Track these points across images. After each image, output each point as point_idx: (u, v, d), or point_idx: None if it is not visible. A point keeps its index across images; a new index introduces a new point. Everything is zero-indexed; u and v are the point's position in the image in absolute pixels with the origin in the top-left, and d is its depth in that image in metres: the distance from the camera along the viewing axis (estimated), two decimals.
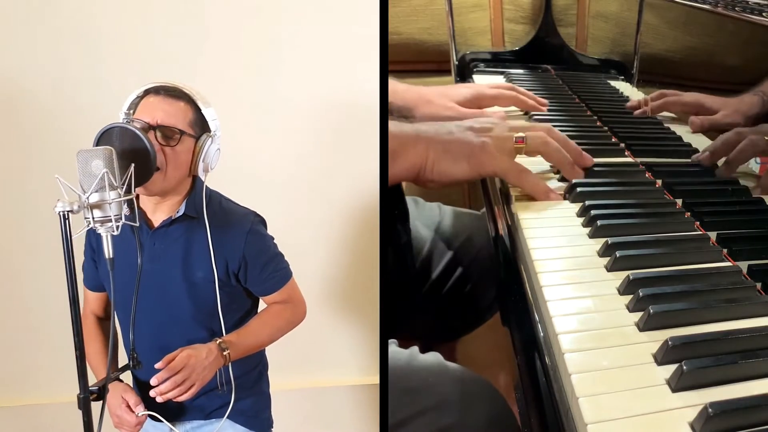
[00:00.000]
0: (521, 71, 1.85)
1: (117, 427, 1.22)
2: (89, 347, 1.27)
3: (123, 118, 1.17)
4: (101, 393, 1.03)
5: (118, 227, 0.97)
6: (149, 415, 1.21)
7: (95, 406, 1.01)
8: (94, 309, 1.34)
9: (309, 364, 1.97)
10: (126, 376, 1.24)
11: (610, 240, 0.89)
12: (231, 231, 1.21)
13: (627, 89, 1.55)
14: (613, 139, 1.30)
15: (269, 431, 1.37)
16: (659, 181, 1.10)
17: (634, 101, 1.41)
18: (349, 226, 1.92)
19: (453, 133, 1.05)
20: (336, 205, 1.90)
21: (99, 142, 1.05)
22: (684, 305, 0.77)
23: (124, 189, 0.98)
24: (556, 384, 0.71)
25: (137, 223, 1.06)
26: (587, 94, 1.59)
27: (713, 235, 0.93)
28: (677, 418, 0.62)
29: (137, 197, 1.19)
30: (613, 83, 1.63)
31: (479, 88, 1.46)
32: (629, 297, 0.80)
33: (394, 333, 1.11)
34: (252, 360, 1.29)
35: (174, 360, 1.10)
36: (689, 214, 0.99)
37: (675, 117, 1.29)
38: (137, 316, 1.16)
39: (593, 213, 0.96)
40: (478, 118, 1.13)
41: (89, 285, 1.33)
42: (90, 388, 1.00)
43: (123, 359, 1.18)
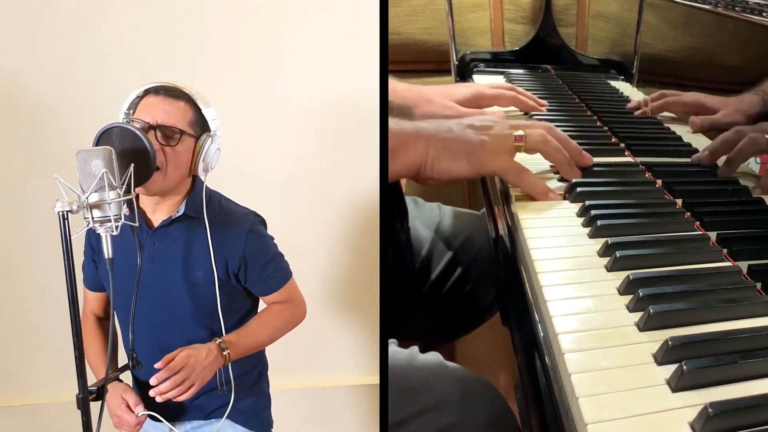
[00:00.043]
0: (521, 71, 1.85)
1: (117, 427, 1.22)
2: (89, 347, 1.27)
3: (123, 117, 1.16)
4: (100, 393, 1.03)
5: (117, 227, 0.97)
6: (149, 416, 1.21)
7: (94, 406, 1.01)
8: (94, 309, 1.34)
9: (309, 364, 1.97)
10: (126, 376, 1.24)
11: (610, 240, 0.89)
12: (231, 231, 1.21)
13: (627, 89, 1.55)
14: (613, 139, 1.30)
15: (269, 431, 1.38)
16: (659, 181, 1.09)
17: (634, 102, 1.41)
18: (349, 226, 1.92)
19: (453, 131, 1.04)
20: (336, 205, 1.91)
21: (99, 142, 1.05)
22: (684, 305, 0.77)
23: (123, 189, 0.98)
24: (556, 384, 0.71)
25: (137, 223, 1.06)
26: (587, 94, 1.59)
27: (713, 235, 0.93)
28: (677, 418, 0.62)
29: (137, 197, 1.19)
30: (613, 83, 1.63)
31: (479, 87, 1.46)
32: (629, 297, 0.80)
33: (394, 333, 1.11)
34: (252, 360, 1.29)
35: (173, 360, 1.11)
36: (689, 214, 0.99)
37: (675, 117, 1.29)
38: (137, 316, 1.16)
39: (593, 213, 0.96)
40: (479, 116, 1.13)
41: (89, 285, 1.33)
42: (89, 388, 1.00)
43: (124, 359, 1.18)
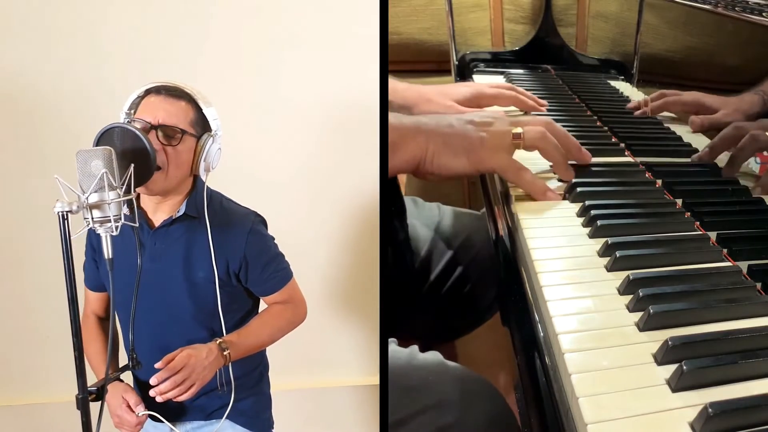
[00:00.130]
0: (521, 71, 1.85)
1: (117, 427, 1.22)
2: (90, 347, 1.27)
3: (124, 117, 1.16)
4: (100, 393, 1.03)
5: (117, 227, 0.97)
6: (150, 416, 1.21)
7: (94, 406, 1.01)
8: (95, 309, 1.34)
9: (310, 364, 1.98)
10: (127, 376, 1.24)
11: (610, 240, 0.89)
12: (232, 231, 1.21)
13: (627, 89, 1.55)
14: (613, 139, 1.30)
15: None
16: (659, 181, 1.09)
17: (634, 102, 1.41)
18: (350, 226, 1.92)
19: (453, 126, 1.04)
20: (336, 206, 1.91)
21: (99, 142, 1.05)
22: (684, 305, 0.77)
23: (123, 189, 0.98)
24: (556, 384, 0.71)
25: (137, 224, 1.06)
26: (587, 94, 1.59)
27: (713, 235, 0.93)
28: (677, 418, 0.62)
29: (138, 197, 1.19)
30: (613, 83, 1.63)
31: (479, 87, 1.46)
32: (629, 297, 0.80)
33: (394, 333, 1.11)
34: (253, 360, 1.29)
35: (174, 360, 1.10)
36: (689, 214, 0.99)
37: (675, 117, 1.29)
38: (137, 315, 1.16)
39: (593, 213, 0.96)
40: (479, 112, 1.13)
41: (90, 285, 1.33)
42: (89, 388, 1.00)
43: (125, 359, 1.18)
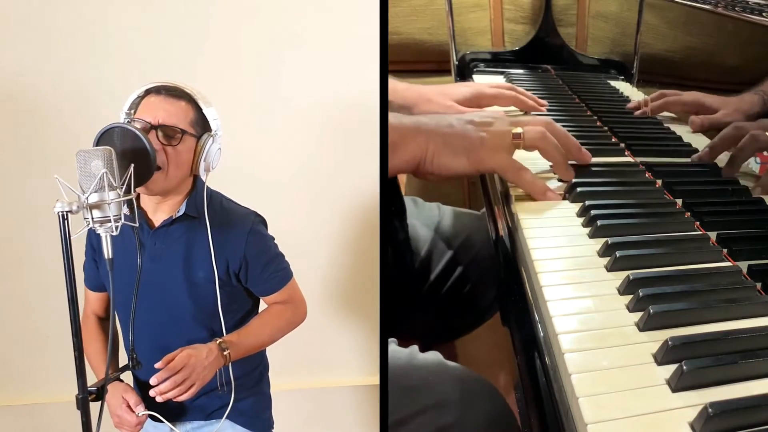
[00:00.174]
0: (521, 71, 1.85)
1: (117, 427, 1.22)
2: (90, 347, 1.27)
3: (124, 117, 1.17)
4: (100, 393, 1.03)
5: (117, 228, 0.97)
6: (150, 416, 1.21)
7: (94, 406, 1.01)
8: (95, 309, 1.34)
9: (310, 364, 1.97)
10: (128, 376, 1.24)
11: (610, 240, 0.89)
12: (232, 231, 1.21)
13: (627, 89, 1.55)
14: (613, 139, 1.30)
15: None
16: (659, 181, 1.09)
17: (634, 102, 1.41)
18: (350, 226, 1.92)
19: (453, 126, 1.04)
20: (336, 206, 1.91)
21: (99, 142, 1.05)
22: (684, 305, 0.77)
23: (123, 189, 0.98)
24: (556, 384, 0.71)
25: (137, 224, 1.06)
26: (587, 94, 1.59)
27: (713, 235, 0.93)
28: (677, 418, 0.62)
29: (138, 197, 1.19)
30: (613, 83, 1.63)
31: (479, 87, 1.46)
32: (629, 297, 0.80)
33: (394, 333, 1.11)
34: (253, 360, 1.29)
35: (174, 360, 1.11)
36: (689, 214, 0.99)
37: (675, 117, 1.29)
38: (137, 316, 1.16)
39: (593, 213, 0.96)
40: (480, 112, 1.13)
41: (90, 285, 1.33)
42: (89, 388, 1.00)
43: (125, 359, 1.18)
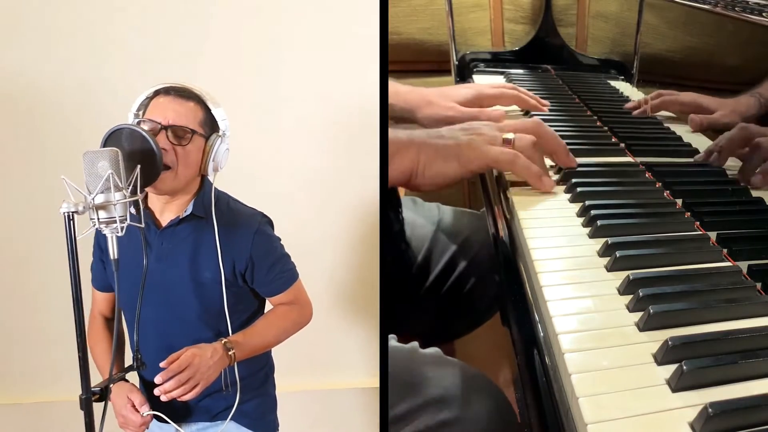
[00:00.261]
0: (521, 71, 1.85)
1: (122, 427, 1.22)
2: (97, 348, 1.28)
3: (132, 118, 1.17)
4: (104, 394, 1.03)
5: (123, 228, 0.97)
6: (155, 416, 1.21)
7: (98, 406, 1.01)
8: (102, 309, 1.34)
9: (316, 366, 1.97)
10: (133, 376, 1.24)
11: (610, 240, 0.90)
12: (238, 231, 1.22)
13: (627, 89, 1.55)
14: (613, 139, 1.30)
15: None
16: (659, 182, 1.10)
17: (633, 102, 1.41)
18: (356, 227, 1.92)
19: (443, 135, 1.06)
20: (342, 206, 1.90)
21: (106, 143, 1.06)
22: (684, 305, 0.77)
23: (129, 190, 0.98)
24: (556, 384, 0.72)
25: (142, 225, 1.06)
26: (587, 94, 1.59)
27: (713, 235, 0.93)
28: (677, 418, 0.63)
29: (146, 197, 1.20)
30: (613, 83, 1.63)
31: (480, 87, 1.47)
32: (629, 297, 0.80)
33: (393, 330, 1.12)
34: (258, 361, 1.29)
35: (178, 359, 1.11)
36: (689, 214, 0.99)
37: (675, 117, 1.29)
38: (143, 316, 1.16)
39: (593, 213, 0.97)
40: (470, 122, 1.15)
41: (97, 285, 1.33)
42: (92, 388, 1.00)
43: (131, 359, 1.19)
